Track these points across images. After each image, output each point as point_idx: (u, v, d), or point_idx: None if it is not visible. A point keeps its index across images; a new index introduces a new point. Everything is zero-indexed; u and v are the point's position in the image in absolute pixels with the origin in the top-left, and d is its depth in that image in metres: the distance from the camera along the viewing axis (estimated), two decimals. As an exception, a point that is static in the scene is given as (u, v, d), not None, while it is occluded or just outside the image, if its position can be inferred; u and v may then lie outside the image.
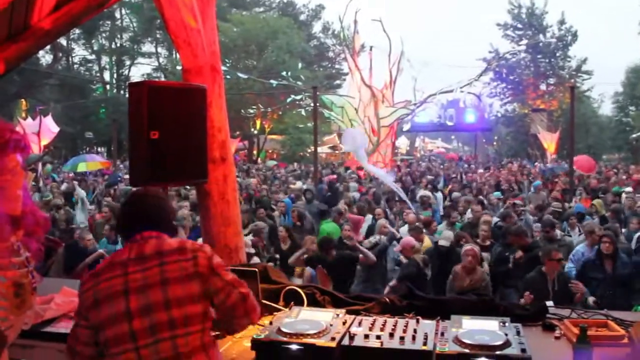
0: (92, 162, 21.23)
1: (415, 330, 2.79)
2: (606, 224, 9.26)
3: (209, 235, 4.47)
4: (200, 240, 4.99)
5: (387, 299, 3.43)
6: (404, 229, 9.62)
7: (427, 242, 8.64)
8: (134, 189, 3.73)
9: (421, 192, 14.21)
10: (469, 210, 11.09)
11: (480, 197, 13.53)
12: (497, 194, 14.48)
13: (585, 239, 8.06)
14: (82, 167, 19.99)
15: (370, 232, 9.80)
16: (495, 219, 10.09)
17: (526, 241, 7.62)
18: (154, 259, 2.34)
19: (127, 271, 2.33)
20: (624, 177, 19.81)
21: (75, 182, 15.60)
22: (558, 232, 8.62)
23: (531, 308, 3.31)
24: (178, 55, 4.82)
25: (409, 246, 7.73)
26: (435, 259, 7.88)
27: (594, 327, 3.00)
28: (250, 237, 8.32)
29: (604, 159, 43.89)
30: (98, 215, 11.70)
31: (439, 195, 15.33)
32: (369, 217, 10.67)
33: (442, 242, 8.00)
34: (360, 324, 2.97)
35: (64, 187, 17.47)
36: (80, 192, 13.66)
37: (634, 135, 37.96)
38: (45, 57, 41.97)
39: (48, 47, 32.99)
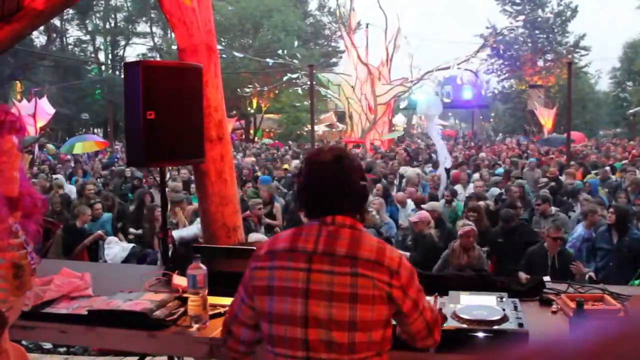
0: (89, 142, 21.05)
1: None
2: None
3: (207, 215, 4.48)
4: (198, 219, 4.99)
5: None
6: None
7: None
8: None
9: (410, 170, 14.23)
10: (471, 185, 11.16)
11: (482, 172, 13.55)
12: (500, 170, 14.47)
13: (584, 218, 7.87)
14: (78, 149, 19.82)
15: None
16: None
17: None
18: (345, 263, 2.00)
19: (311, 268, 2.01)
20: (622, 153, 19.85)
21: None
22: (553, 208, 8.59)
23: (528, 283, 3.33)
24: (173, 35, 4.79)
25: (426, 220, 7.69)
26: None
27: (590, 302, 3.02)
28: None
29: (601, 135, 43.92)
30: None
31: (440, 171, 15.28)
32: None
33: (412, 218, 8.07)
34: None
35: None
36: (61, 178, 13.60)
37: (631, 111, 37.95)
38: (39, 38, 41.67)
39: (42, 28, 32.75)
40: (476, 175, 12.99)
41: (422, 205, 8.72)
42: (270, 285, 2.04)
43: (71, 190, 12.12)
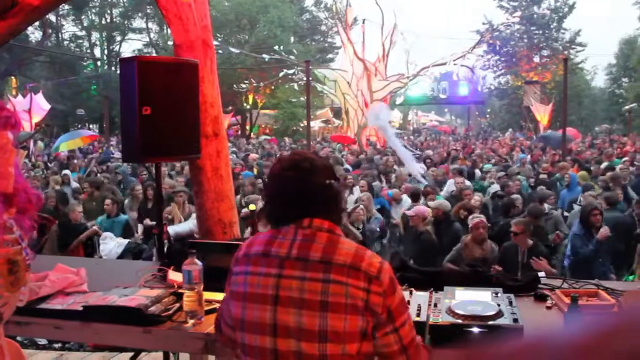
0: (72, 140, 20.86)
1: (408, 302, 2.81)
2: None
3: (202, 210, 4.48)
4: (194, 216, 4.98)
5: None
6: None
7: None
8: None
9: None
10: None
11: (476, 169, 13.58)
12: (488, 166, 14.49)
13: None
14: (63, 148, 19.62)
15: None
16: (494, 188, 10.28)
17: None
18: (318, 269, 1.89)
19: (282, 273, 1.92)
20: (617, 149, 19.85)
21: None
22: (546, 206, 8.51)
23: (523, 278, 3.34)
24: (169, 31, 4.78)
25: (423, 216, 7.68)
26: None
27: (585, 297, 3.03)
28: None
29: (596, 131, 44.04)
30: (82, 195, 10.95)
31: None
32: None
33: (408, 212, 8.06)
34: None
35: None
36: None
37: (627, 107, 38.04)
38: (34, 33, 41.57)
39: (37, 23, 32.65)
40: (478, 173, 13.03)
41: (430, 203, 8.68)
42: (244, 292, 1.98)
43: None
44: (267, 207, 2.10)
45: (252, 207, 5.51)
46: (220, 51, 30.92)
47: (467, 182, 10.67)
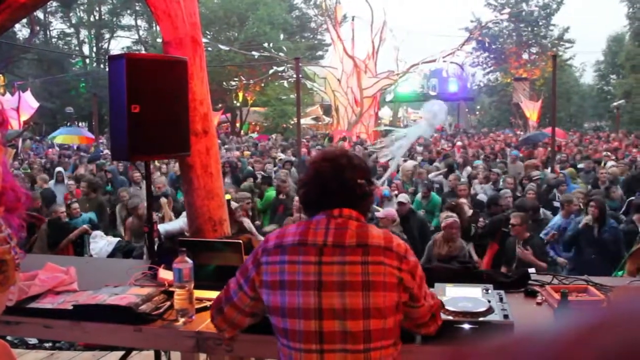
0: (71, 135, 20.85)
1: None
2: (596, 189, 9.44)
3: (192, 208, 4.47)
4: (184, 214, 4.98)
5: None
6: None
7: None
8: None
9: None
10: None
11: (468, 167, 13.58)
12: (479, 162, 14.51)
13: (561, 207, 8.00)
14: (58, 139, 19.47)
15: None
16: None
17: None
18: (355, 252, 2.03)
19: (322, 260, 2.03)
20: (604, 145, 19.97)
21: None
22: (542, 210, 8.50)
23: (513, 275, 3.36)
24: (158, 28, 4.76)
25: (392, 218, 7.72)
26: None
27: (574, 293, 3.05)
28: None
29: (585, 127, 44.28)
30: (77, 190, 10.76)
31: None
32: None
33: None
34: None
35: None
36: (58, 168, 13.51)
37: (615, 104, 38.24)
38: (22, 31, 41.26)
39: (25, 20, 32.43)
40: (468, 169, 13.04)
41: (399, 196, 8.78)
42: (282, 280, 2.05)
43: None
44: (302, 191, 2.21)
45: (227, 196, 5.50)
46: (209, 48, 30.80)
47: (463, 179, 10.71)
